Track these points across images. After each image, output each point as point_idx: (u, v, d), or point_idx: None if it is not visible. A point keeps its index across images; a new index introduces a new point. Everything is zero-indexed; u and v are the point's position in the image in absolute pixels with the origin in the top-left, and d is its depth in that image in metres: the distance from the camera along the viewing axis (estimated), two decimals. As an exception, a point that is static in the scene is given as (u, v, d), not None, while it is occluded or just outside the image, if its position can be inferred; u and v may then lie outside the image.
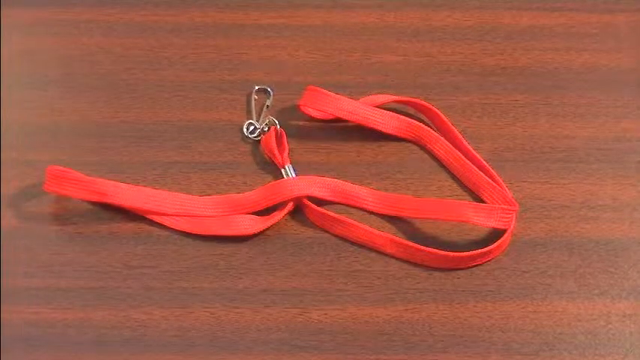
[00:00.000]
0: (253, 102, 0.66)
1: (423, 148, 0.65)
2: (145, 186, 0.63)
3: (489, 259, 0.61)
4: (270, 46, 0.69)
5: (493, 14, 0.70)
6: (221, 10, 0.70)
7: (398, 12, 0.71)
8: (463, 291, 0.60)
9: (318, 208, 0.62)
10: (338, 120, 0.65)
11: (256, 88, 0.67)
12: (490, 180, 0.63)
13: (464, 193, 0.64)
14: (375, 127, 0.65)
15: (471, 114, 0.66)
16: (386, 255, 0.61)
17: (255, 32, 0.70)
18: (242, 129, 0.65)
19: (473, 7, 0.71)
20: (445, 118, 0.65)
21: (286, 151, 0.64)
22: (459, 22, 0.70)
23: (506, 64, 0.69)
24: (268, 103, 0.66)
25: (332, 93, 0.64)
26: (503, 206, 0.61)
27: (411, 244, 0.61)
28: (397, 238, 0.61)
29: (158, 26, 0.69)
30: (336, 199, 0.63)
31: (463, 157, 0.64)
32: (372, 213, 0.63)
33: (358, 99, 0.65)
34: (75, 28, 0.69)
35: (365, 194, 0.63)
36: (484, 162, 0.64)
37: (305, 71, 0.68)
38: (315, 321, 0.59)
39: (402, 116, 0.66)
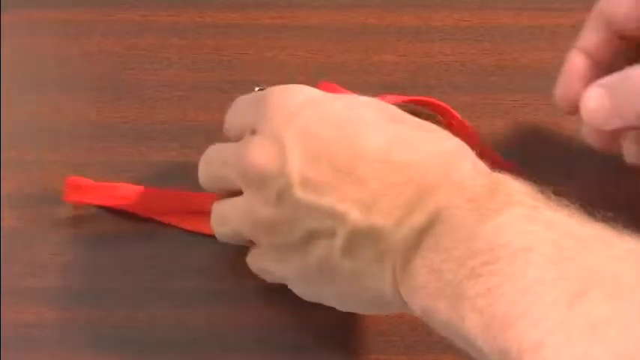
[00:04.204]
0: None
1: None
2: (165, 188, 0.63)
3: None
4: (270, 46, 0.69)
5: (493, 14, 0.70)
6: (221, 10, 0.70)
7: (398, 12, 0.71)
8: (463, 291, 0.60)
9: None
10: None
11: (257, 88, 0.66)
12: None
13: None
14: None
15: (470, 114, 0.66)
16: (386, 255, 0.61)
17: (255, 32, 0.70)
18: None
19: (473, 7, 0.71)
20: (462, 118, 0.64)
21: None
22: (459, 22, 0.70)
23: (506, 64, 0.69)
24: None
25: (347, 90, 0.64)
26: None
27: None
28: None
29: (158, 26, 0.69)
30: None
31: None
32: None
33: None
34: (75, 28, 0.69)
35: None
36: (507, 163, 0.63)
37: (305, 71, 0.68)
38: (316, 321, 0.59)
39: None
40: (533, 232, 0.45)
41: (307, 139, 0.51)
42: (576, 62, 0.59)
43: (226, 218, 0.56)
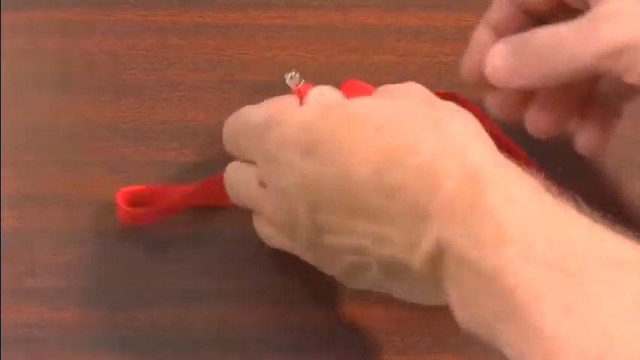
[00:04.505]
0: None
1: None
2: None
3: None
4: (270, 46, 0.69)
5: (493, 14, 0.70)
6: (221, 10, 0.70)
7: (398, 12, 0.71)
8: (463, 291, 0.60)
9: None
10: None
11: (289, 75, 0.65)
12: None
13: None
14: None
15: (470, 114, 0.66)
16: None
17: (255, 32, 0.70)
18: None
19: (473, 7, 0.71)
20: (485, 114, 0.63)
21: None
22: (459, 22, 0.70)
23: (506, 64, 0.68)
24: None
25: (372, 87, 0.63)
26: None
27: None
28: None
29: (158, 26, 0.69)
30: None
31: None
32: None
33: None
34: (75, 28, 0.69)
35: None
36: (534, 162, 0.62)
37: (305, 71, 0.68)
38: (316, 321, 0.59)
39: None
40: (533, 273, 0.44)
41: (307, 186, 0.51)
42: (482, 35, 0.59)
43: (275, 244, 0.57)
